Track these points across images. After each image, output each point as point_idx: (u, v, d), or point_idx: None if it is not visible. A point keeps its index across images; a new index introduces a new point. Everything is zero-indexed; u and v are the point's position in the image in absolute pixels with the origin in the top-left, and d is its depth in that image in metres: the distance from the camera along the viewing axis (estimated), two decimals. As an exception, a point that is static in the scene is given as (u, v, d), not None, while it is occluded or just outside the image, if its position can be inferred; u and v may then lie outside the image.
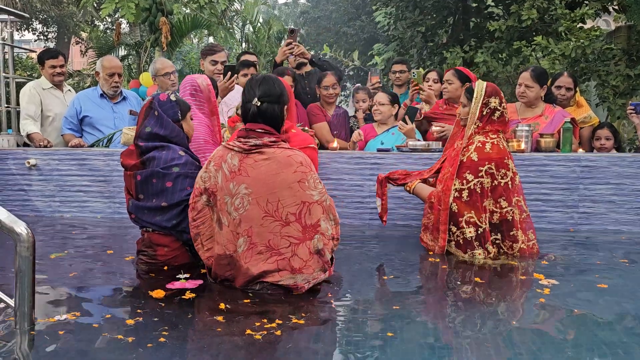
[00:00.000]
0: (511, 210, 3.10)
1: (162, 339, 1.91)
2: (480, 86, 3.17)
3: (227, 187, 2.47)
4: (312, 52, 4.52)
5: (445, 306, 2.43)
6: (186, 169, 2.66)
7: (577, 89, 4.50)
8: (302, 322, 2.09)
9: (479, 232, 3.06)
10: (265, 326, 2.03)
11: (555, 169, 3.76)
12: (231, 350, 1.87)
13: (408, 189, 3.40)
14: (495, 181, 3.09)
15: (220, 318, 2.12)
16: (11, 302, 1.94)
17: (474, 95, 3.16)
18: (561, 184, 3.76)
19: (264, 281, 2.41)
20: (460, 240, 3.07)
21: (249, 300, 2.33)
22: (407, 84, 4.92)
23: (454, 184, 3.10)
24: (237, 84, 4.17)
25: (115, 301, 2.43)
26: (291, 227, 2.40)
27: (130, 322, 2.08)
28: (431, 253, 3.15)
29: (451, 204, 3.09)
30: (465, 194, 3.08)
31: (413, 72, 4.48)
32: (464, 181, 3.09)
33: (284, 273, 2.39)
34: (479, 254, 3.02)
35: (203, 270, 2.68)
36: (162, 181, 2.64)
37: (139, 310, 2.21)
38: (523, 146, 3.81)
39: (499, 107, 3.15)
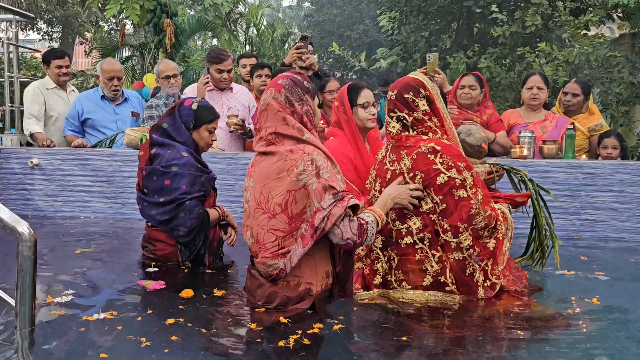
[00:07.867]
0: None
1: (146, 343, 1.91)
2: None
3: None
4: (315, 56, 4.39)
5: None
6: (185, 170, 2.74)
7: (590, 97, 4.40)
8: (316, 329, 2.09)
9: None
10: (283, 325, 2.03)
11: (558, 175, 3.75)
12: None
13: None
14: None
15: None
16: (12, 301, 1.94)
17: None
18: (563, 191, 3.75)
19: None
20: None
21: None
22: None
23: None
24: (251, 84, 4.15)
25: (123, 300, 2.42)
26: None
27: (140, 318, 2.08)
28: None
29: None
30: None
31: (429, 56, 4.12)
32: None
33: None
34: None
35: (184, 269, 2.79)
36: (162, 179, 2.75)
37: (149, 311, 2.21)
38: (525, 152, 3.81)
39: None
